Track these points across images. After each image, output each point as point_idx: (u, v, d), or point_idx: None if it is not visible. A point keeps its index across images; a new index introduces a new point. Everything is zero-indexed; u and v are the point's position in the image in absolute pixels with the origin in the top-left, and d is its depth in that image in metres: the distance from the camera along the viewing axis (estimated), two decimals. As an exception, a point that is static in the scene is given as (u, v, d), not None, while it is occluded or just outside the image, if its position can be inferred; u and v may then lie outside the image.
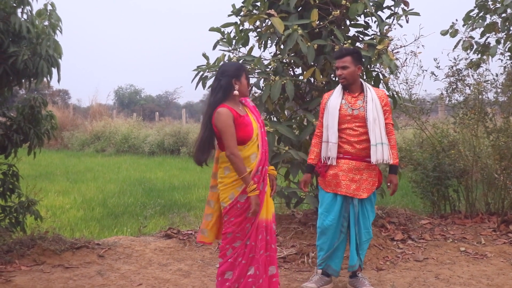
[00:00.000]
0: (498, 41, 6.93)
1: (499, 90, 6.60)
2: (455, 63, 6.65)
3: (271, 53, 5.77)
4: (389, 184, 4.17)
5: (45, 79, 4.55)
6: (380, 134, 4.01)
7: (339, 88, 4.19)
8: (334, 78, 5.46)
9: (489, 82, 6.53)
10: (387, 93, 5.55)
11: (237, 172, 3.41)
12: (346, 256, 4.41)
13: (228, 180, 3.48)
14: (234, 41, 5.58)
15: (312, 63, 5.20)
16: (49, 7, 4.63)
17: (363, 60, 5.00)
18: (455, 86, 6.67)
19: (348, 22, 5.47)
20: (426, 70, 6.54)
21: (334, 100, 4.12)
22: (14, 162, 4.96)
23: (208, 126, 3.50)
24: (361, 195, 4.06)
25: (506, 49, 6.88)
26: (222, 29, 5.59)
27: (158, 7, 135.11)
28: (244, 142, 3.47)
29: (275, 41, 5.41)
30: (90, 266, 4.80)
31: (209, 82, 5.44)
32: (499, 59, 6.94)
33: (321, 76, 5.15)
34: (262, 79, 5.31)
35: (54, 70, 4.59)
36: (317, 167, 4.22)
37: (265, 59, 5.47)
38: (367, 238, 4.19)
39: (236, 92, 3.50)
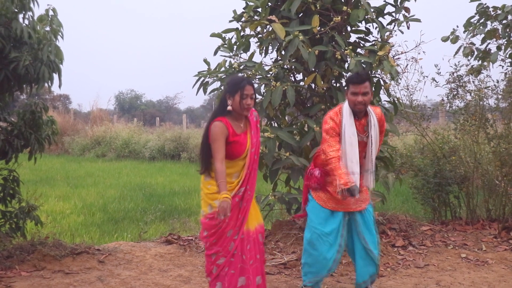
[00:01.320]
0: (499, 48, 6.94)
1: (500, 96, 6.61)
2: (456, 69, 6.66)
3: (272, 59, 5.79)
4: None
5: (46, 84, 4.56)
6: (371, 163, 3.92)
7: (348, 112, 3.82)
8: (335, 84, 5.47)
9: (490, 88, 6.53)
10: (388, 99, 5.57)
11: (216, 177, 3.43)
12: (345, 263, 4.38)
13: (205, 190, 3.57)
14: (235, 46, 5.59)
15: (313, 69, 5.21)
16: (51, 13, 4.66)
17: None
18: (456, 92, 6.67)
19: (349, 28, 5.49)
20: (427, 76, 6.55)
21: (349, 127, 3.79)
22: (14, 167, 4.97)
23: (204, 136, 3.58)
24: (361, 206, 3.96)
25: (507, 56, 6.89)
26: (223, 35, 5.61)
27: (159, 13, 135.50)
28: (233, 157, 3.53)
29: (276, 47, 5.43)
30: (90, 272, 4.79)
31: (210, 88, 5.46)
32: (500, 65, 6.96)
33: (322, 82, 5.16)
34: (263, 85, 5.32)
35: (55, 75, 4.61)
36: (316, 183, 3.96)
37: (266, 65, 5.48)
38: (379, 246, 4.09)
39: (229, 108, 3.52)
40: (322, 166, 3.96)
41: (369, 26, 5.55)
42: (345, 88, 3.94)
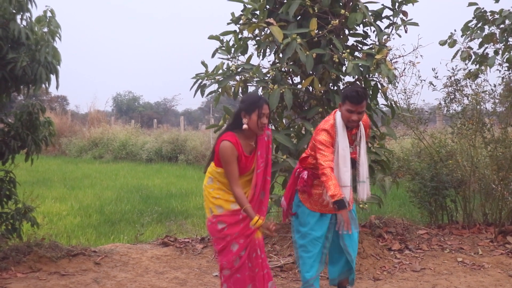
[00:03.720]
0: (496, 52, 6.94)
1: (497, 100, 6.62)
2: (453, 73, 6.68)
3: (270, 61, 5.80)
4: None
5: (43, 86, 4.56)
6: (366, 170, 3.97)
7: (341, 125, 3.82)
8: (332, 87, 5.47)
9: (487, 92, 6.54)
10: (385, 103, 5.58)
11: (238, 203, 3.44)
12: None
13: (206, 191, 3.60)
14: (233, 49, 5.58)
15: (311, 72, 5.21)
16: (49, 14, 4.66)
17: (362, 71, 5.04)
18: (453, 96, 6.69)
19: (347, 32, 5.49)
20: (424, 80, 6.57)
21: (342, 141, 3.81)
22: (11, 169, 4.96)
23: (213, 147, 3.61)
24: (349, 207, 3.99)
25: (504, 60, 6.89)
26: (221, 37, 5.60)
27: (157, 13, 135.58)
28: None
29: (274, 49, 5.43)
30: (87, 274, 4.78)
31: (208, 90, 5.46)
32: (497, 69, 6.95)
33: (320, 85, 5.16)
34: (261, 88, 5.31)
35: (53, 77, 4.61)
36: (303, 185, 3.98)
37: (264, 68, 5.48)
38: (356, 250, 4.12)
39: (245, 126, 3.48)
40: (309, 168, 3.98)
41: (367, 29, 5.55)
42: (342, 101, 3.86)
